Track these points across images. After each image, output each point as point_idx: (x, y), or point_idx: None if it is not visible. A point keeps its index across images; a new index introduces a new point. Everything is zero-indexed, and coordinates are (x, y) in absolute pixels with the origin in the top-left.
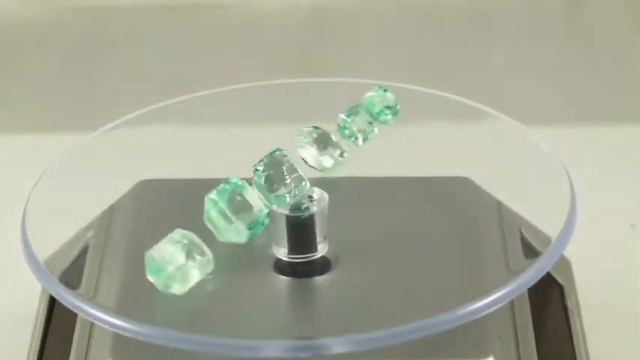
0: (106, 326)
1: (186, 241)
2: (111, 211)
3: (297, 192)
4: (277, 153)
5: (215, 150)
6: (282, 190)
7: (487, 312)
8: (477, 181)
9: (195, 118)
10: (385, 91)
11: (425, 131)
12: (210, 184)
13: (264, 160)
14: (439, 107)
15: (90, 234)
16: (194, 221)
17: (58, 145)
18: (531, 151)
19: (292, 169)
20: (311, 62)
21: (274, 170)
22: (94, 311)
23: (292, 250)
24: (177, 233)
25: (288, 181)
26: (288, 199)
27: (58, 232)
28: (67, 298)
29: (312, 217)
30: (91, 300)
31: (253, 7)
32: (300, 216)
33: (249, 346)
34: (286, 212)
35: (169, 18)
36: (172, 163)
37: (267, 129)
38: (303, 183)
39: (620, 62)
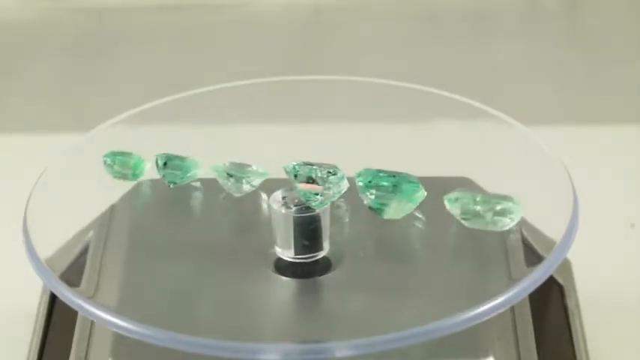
0: (105, 325)
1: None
2: (111, 211)
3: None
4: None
5: (215, 150)
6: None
7: (489, 317)
8: (477, 181)
9: (195, 118)
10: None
11: (425, 131)
12: (210, 184)
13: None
14: (440, 107)
15: (90, 234)
16: (194, 221)
17: (58, 145)
18: (531, 151)
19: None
20: (311, 62)
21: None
22: (93, 309)
23: (293, 250)
24: None
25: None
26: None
27: (58, 232)
28: (68, 296)
29: (313, 217)
30: (91, 298)
31: (253, 7)
32: (302, 216)
33: (250, 349)
34: (287, 212)
35: (169, 18)
36: None
37: (267, 128)
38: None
39: (620, 62)
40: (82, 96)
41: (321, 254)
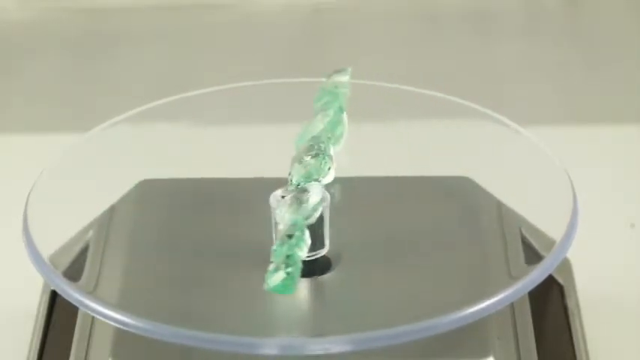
0: (105, 320)
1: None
2: (111, 211)
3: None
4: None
5: (215, 150)
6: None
7: (489, 314)
8: (477, 181)
9: (195, 118)
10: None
11: (425, 131)
12: (210, 184)
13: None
14: (439, 107)
15: (90, 234)
16: (194, 221)
17: (58, 145)
18: (531, 152)
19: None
20: (311, 62)
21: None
22: (93, 304)
23: None
24: None
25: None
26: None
27: (58, 232)
28: (68, 291)
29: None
30: (91, 293)
31: (253, 7)
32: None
33: (249, 343)
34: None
35: (169, 18)
36: (172, 163)
37: (267, 129)
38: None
39: (620, 62)
40: (82, 96)
41: (320, 253)
